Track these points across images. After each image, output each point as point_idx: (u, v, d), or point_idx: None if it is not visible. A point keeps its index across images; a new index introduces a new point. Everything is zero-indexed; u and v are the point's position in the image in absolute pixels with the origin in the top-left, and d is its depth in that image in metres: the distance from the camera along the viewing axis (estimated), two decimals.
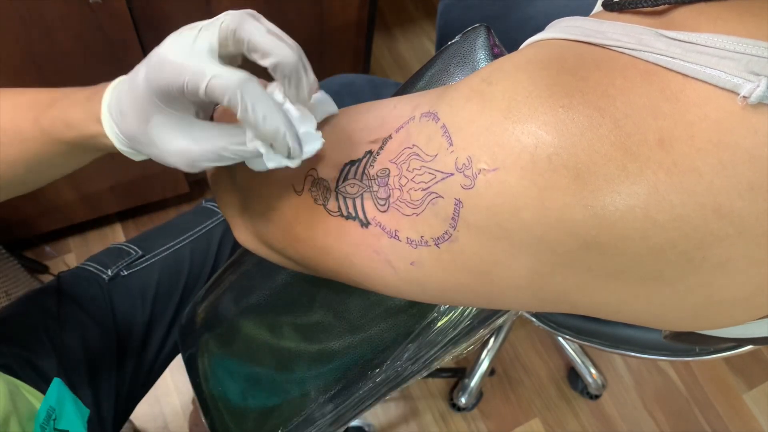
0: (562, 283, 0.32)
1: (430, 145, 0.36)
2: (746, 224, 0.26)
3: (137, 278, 0.75)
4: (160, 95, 0.36)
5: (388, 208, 0.38)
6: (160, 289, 0.75)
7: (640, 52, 0.29)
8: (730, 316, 0.31)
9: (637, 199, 0.28)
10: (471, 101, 0.34)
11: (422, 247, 0.37)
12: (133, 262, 0.76)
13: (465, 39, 0.48)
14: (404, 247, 0.37)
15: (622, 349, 0.82)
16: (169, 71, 0.35)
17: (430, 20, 1.77)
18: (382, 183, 0.38)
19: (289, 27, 1.13)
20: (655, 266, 0.29)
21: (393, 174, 0.38)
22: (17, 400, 0.50)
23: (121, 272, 0.75)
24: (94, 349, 0.68)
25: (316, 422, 0.54)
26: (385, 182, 0.38)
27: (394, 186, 0.38)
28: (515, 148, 0.30)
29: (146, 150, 0.39)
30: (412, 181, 0.37)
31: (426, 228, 0.36)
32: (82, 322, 0.69)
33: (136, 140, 0.39)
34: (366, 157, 0.40)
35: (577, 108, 0.29)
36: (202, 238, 0.80)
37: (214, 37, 0.35)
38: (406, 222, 0.37)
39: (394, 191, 0.38)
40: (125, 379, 0.71)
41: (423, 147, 0.37)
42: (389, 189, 0.38)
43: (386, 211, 0.38)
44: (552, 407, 1.30)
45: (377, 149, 0.40)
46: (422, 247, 0.37)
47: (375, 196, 0.39)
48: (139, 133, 0.38)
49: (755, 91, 0.25)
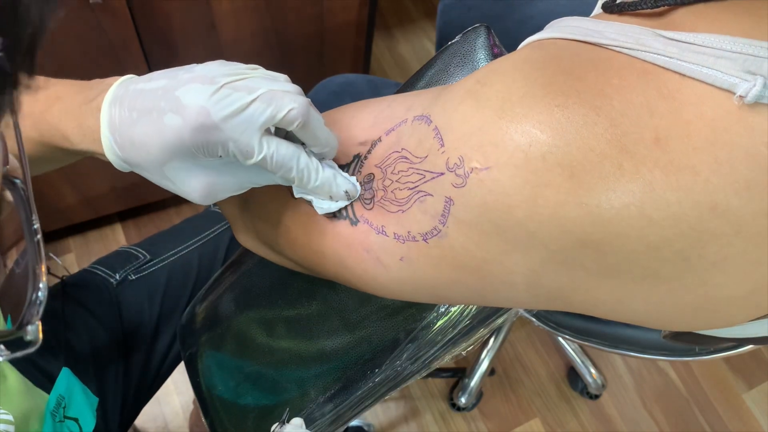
0: (555, 280, 0.32)
1: (420, 148, 0.36)
2: (743, 222, 0.26)
3: (145, 282, 0.75)
4: (196, 150, 0.35)
5: (374, 206, 0.39)
6: (167, 293, 0.75)
7: (638, 52, 0.29)
8: (728, 315, 0.31)
9: (633, 197, 0.28)
10: (465, 102, 0.34)
11: (410, 242, 0.37)
12: (141, 266, 0.76)
13: (465, 39, 0.48)
14: (392, 242, 0.38)
15: (622, 349, 0.82)
16: (217, 138, 0.34)
17: (430, 20, 1.77)
18: (367, 186, 0.39)
19: (289, 27, 1.13)
20: (650, 264, 0.29)
21: (377, 178, 0.39)
22: (35, 395, 0.50)
23: (129, 276, 0.74)
24: (101, 352, 0.68)
25: (316, 422, 0.54)
26: (370, 186, 0.39)
27: (377, 188, 0.39)
28: (508, 147, 0.31)
29: (154, 180, 0.39)
30: (397, 182, 0.38)
31: (413, 224, 0.36)
32: (89, 325, 0.69)
33: (142, 170, 0.38)
34: (354, 161, 0.41)
35: (572, 107, 0.29)
36: (210, 243, 0.80)
37: (274, 118, 0.35)
38: (392, 218, 0.38)
39: (378, 192, 0.39)
40: (132, 383, 0.71)
41: (412, 150, 0.37)
42: (373, 191, 0.39)
43: (372, 209, 0.39)
44: (552, 407, 1.30)
45: (365, 152, 0.40)
46: (410, 242, 0.37)
47: (362, 198, 0.40)
48: (151, 168, 0.37)
49: (751, 90, 0.25)
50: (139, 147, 0.36)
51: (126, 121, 0.36)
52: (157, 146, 0.35)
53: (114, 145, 0.37)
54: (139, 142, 0.36)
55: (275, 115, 0.34)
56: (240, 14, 1.01)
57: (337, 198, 0.39)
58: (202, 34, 1.01)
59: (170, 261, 0.77)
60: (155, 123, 0.35)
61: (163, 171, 0.37)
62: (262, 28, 1.06)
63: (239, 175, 0.38)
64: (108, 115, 0.37)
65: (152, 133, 0.35)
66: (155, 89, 0.35)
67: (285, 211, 0.43)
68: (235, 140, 0.34)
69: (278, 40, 1.11)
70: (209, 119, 0.34)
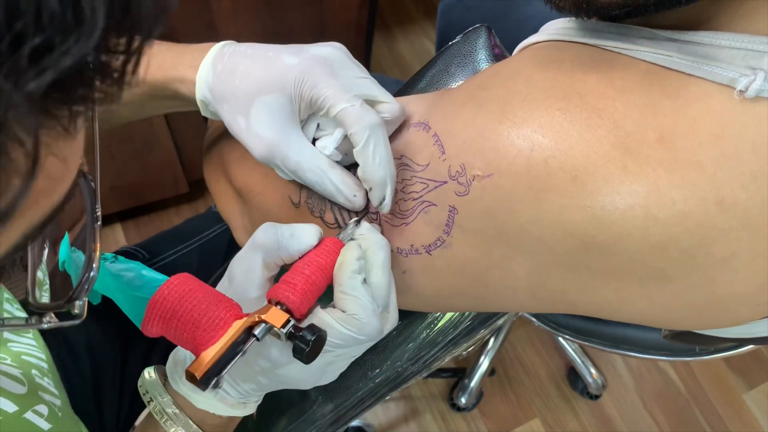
0: (560, 283, 0.32)
1: (420, 155, 0.36)
2: (750, 215, 0.26)
3: None
4: (297, 86, 0.36)
5: (380, 222, 0.38)
6: None
7: (638, 52, 0.29)
8: (734, 313, 0.31)
9: (638, 197, 0.28)
10: (465, 107, 0.34)
11: (413, 255, 0.37)
12: None
13: (466, 39, 0.47)
14: (395, 257, 0.37)
15: (622, 349, 0.82)
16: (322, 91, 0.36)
17: (430, 20, 1.76)
18: None
19: (289, 27, 1.13)
20: (657, 264, 0.29)
21: None
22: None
23: None
24: (98, 354, 0.68)
25: (316, 422, 0.54)
26: None
27: None
28: (510, 153, 0.30)
29: (227, 117, 0.38)
30: (402, 191, 0.37)
31: (416, 237, 0.36)
32: (87, 324, 0.69)
33: (224, 102, 0.38)
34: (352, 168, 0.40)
35: (574, 110, 0.29)
36: (210, 243, 0.80)
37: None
38: (395, 232, 0.37)
39: None
40: (131, 384, 0.71)
41: (412, 157, 0.37)
42: None
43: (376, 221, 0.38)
44: (552, 407, 1.30)
45: None
46: (413, 255, 0.37)
47: (369, 209, 0.39)
48: (239, 97, 0.37)
49: (752, 85, 0.25)
50: (241, 75, 0.37)
51: (238, 54, 0.38)
52: (260, 77, 0.36)
53: (209, 73, 0.39)
54: (243, 71, 0.37)
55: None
56: (240, 14, 1.01)
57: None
58: (202, 34, 1.01)
59: (170, 261, 0.77)
60: (269, 59, 0.37)
61: (249, 104, 0.37)
62: (262, 28, 1.06)
63: (301, 145, 0.38)
64: (218, 49, 0.39)
65: (261, 66, 0.37)
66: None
67: (286, 218, 0.43)
68: (333, 103, 0.35)
69: (278, 40, 1.11)
70: (328, 67, 0.35)
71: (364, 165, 0.35)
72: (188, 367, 0.31)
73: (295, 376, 0.36)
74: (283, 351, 0.34)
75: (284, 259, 0.36)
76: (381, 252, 0.35)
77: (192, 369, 0.30)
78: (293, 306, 0.33)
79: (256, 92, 0.36)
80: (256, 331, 0.32)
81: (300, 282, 0.34)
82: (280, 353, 0.34)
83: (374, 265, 0.35)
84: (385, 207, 0.36)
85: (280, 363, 0.35)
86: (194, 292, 0.33)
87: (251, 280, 0.36)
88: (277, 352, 0.34)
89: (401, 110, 0.37)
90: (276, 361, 0.35)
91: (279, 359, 0.35)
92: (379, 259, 0.35)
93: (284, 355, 0.34)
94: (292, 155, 0.37)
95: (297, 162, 0.37)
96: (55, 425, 0.41)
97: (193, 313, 0.31)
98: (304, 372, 0.35)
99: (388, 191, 0.35)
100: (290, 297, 0.33)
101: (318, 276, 0.35)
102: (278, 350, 0.34)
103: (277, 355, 0.35)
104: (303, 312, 0.34)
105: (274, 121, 0.36)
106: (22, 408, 0.39)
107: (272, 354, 0.35)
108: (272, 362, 0.35)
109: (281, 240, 0.35)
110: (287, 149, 0.37)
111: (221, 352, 0.31)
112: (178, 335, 0.32)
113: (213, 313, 0.32)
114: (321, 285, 0.35)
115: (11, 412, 0.38)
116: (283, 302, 0.33)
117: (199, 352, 0.31)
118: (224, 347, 0.31)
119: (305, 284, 0.34)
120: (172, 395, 0.38)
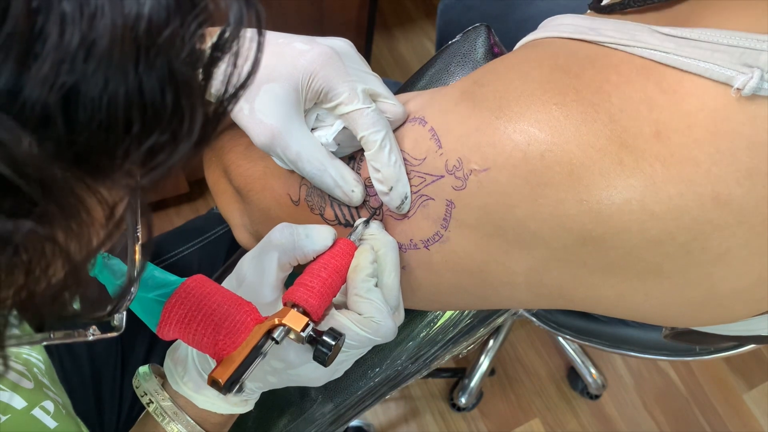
0: (557, 277, 0.32)
1: (417, 148, 0.36)
2: (745, 212, 0.27)
3: None
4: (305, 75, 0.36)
5: (382, 216, 0.38)
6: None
7: (635, 48, 0.29)
8: (730, 310, 0.31)
9: (634, 191, 0.28)
10: (461, 103, 0.34)
11: (411, 251, 0.37)
12: None
13: (465, 38, 0.48)
14: None
15: (622, 349, 0.82)
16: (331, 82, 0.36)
17: (430, 20, 1.76)
18: (372, 192, 0.39)
19: (289, 27, 1.13)
20: (653, 259, 0.29)
21: None
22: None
23: None
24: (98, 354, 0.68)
25: (316, 422, 0.54)
26: (374, 191, 0.38)
27: None
28: (506, 147, 0.31)
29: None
30: None
31: (415, 231, 0.36)
32: None
33: None
34: (350, 162, 0.40)
35: (570, 105, 0.29)
36: (211, 245, 0.80)
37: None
38: (396, 227, 0.37)
39: None
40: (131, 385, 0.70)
41: (410, 151, 0.37)
42: (378, 199, 0.38)
43: (379, 218, 0.39)
44: (552, 407, 1.30)
45: (360, 156, 0.40)
46: (411, 251, 0.37)
47: (368, 206, 0.39)
48: None
49: (748, 82, 0.25)
50: None
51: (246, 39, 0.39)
52: (269, 63, 0.36)
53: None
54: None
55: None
56: None
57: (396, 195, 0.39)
58: None
59: (170, 262, 0.77)
60: (279, 45, 0.36)
61: (255, 90, 0.37)
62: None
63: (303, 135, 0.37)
64: None
65: (270, 52, 0.36)
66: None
67: (286, 216, 0.43)
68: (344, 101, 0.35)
69: None
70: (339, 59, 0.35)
71: (382, 168, 0.36)
72: (211, 373, 0.31)
73: (308, 375, 0.36)
74: (300, 353, 0.35)
75: (299, 260, 0.36)
76: (392, 253, 0.36)
77: (216, 375, 0.30)
78: (311, 309, 0.33)
79: (264, 78, 0.36)
80: (275, 335, 0.32)
81: (318, 285, 0.34)
82: (296, 355, 0.35)
83: (386, 266, 0.35)
84: (406, 206, 0.37)
85: (294, 364, 0.35)
86: (212, 295, 0.32)
87: (265, 280, 0.36)
88: (293, 354, 0.35)
89: (404, 113, 0.37)
90: (291, 363, 0.35)
91: (294, 360, 0.35)
92: (391, 261, 0.35)
93: (300, 357, 0.35)
94: (294, 145, 0.37)
95: (297, 152, 0.37)
96: (60, 423, 0.41)
97: (213, 316, 0.31)
98: (317, 371, 0.36)
99: (408, 191, 0.36)
100: (309, 300, 0.33)
101: (334, 279, 0.35)
102: (295, 352, 0.35)
103: (294, 357, 0.35)
104: (320, 315, 0.34)
105: (278, 108, 0.36)
106: (30, 403, 0.39)
107: (289, 356, 0.35)
108: (287, 363, 0.35)
109: (297, 240, 0.35)
110: (289, 138, 0.37)
111: (244, 356, 0.31)
112: (197, 339, 0.32)
113: (234, 317, 0.32)
114: (336, 287, 0.35)
115: (20, 409, 0.38)
116: (301, 305, 0.33)
117: (221, 356, 0.31)
118: (247, 352, 0.31)
119: (323, 287, 0.34)
120: (171, 395, 0.38)
